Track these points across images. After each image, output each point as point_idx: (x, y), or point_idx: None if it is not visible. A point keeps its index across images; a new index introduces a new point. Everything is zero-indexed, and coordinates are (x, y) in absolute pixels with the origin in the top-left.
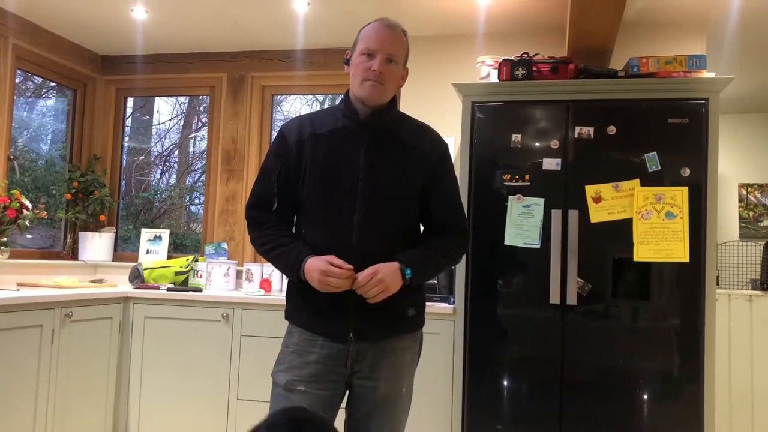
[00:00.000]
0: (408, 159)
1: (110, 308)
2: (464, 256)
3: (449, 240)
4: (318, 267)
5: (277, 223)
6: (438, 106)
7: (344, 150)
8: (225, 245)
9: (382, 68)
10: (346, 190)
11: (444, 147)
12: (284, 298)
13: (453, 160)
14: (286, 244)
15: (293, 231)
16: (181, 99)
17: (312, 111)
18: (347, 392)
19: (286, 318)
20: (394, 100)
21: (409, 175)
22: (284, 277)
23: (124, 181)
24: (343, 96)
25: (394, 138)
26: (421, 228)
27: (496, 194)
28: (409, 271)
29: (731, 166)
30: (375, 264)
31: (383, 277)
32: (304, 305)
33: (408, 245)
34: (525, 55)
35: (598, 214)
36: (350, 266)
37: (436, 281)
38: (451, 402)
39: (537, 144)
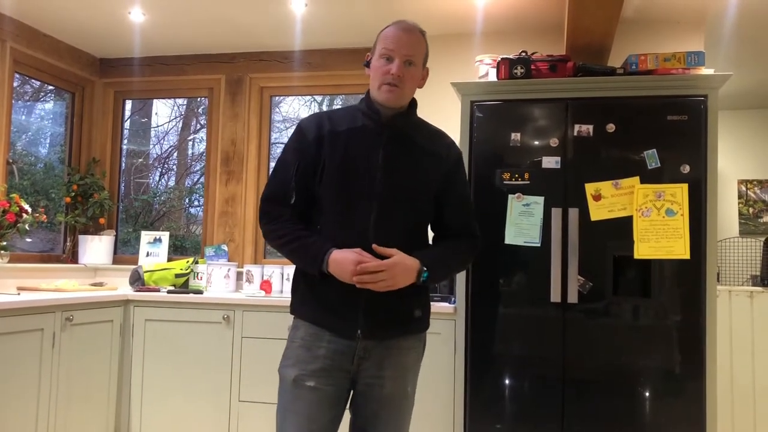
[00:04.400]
0: (425, 163)
1: (111, 311)
2: None
3: (464, 246)
4: (352, 258)
5: (293, 217)
6: (437, 106)
7: (363, 149)
8: (225, 247)
9: (401, 72)
10: (364, 189)
11: (458, 153)
12: (285, 299)
13: None
14: (305, 237)
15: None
16: (180, 101)
17: (330, 109)
18: (351, 392)
19: (292, 312)
20: (415, 105)
21: (426, 178)
22: (285, 277)
23: (123, 184)
24: (363, 96)
25: (412, 142)
26: (430, 234)
27: (496, 193)
28: (426, 275)
29: (731, 163)
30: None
31: (395, 274)
32: (313, 300)
33: (422, 247)
34: (523, 54)
35: (598, 212)
36: (386, 251)
37: None
38: (453, 401)
39: (536, 142)
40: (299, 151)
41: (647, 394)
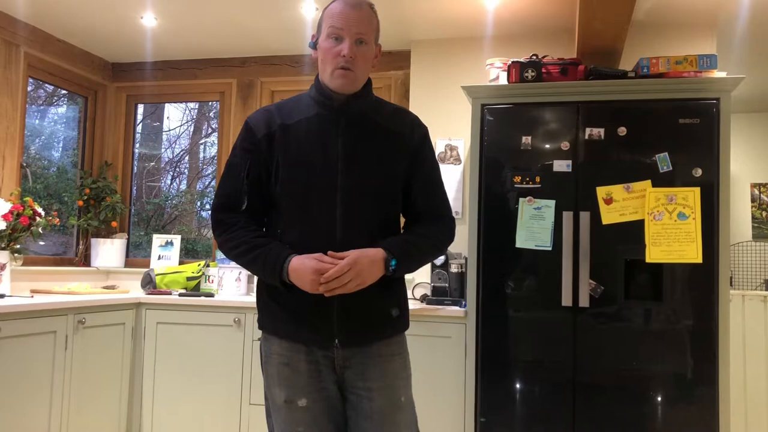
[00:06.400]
0: (390, 146)
1: (123, 314)
2: (476, 258)
3: (435, 229)
4: (311, 266)
5: (248, 224)
6: (447, 109)
7: (319, 140)
8: None
9: (353, 52)
10: (325, 184)
11: (424, 130)
12: None
13: (463, 163)
14: (262, 245)
15: (265, 232)
16: (191, 105)
17: (279, 101)
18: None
19: (260, 327)
20: (369, 84)
21: (392, 163)
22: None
23: (135, 187)
24: (313, 83)
25: (373, 124)
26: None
27: (507, 196)
28: (394, 262)
29: (743, 166)
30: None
31: (360, 270)
32: (280, 312)
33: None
34: (534, 57)
35: (609, 216)
36: (341, 255)
37: (446, 284)
38: (464, 405)
39: (547, 146)
40: (249, 150)
41: (659, 399)
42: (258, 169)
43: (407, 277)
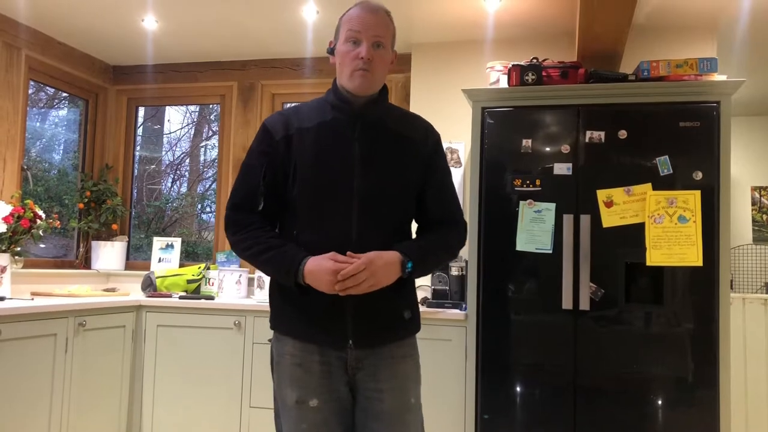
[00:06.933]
0: (404, 151)
1: (123, 317)
2: (477, 261)
3: (448, 234)
4: (327, 268)
5: (263, 225)
6: (448, 112)
7: (336, 144)
8: None
9: (370, 54)
10: (341, 187)
11: (437, 136)
12: None
13: (463, 166)
14: (277, 247)
15: (280, 233)
16: (192, 108)
17: (297, 104)
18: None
19: (273, 327)
20: (386, 90)
21: (406, 167)
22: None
23: (135, 190)
24: (330, 88)
25: (388, 129)
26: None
27: (507, 199)
28: (410, 265)
29: (744, 169)
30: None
31: (375, 270)
32: (293, 313)
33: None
34: (534, 60)
35: (610, 219)
36: (358, 256)
37: (447, 287)
38: (464, 408)
39: (548, 149)
40: (266, 153)
41: (660, 402)
42: (275, 171)
43: None
